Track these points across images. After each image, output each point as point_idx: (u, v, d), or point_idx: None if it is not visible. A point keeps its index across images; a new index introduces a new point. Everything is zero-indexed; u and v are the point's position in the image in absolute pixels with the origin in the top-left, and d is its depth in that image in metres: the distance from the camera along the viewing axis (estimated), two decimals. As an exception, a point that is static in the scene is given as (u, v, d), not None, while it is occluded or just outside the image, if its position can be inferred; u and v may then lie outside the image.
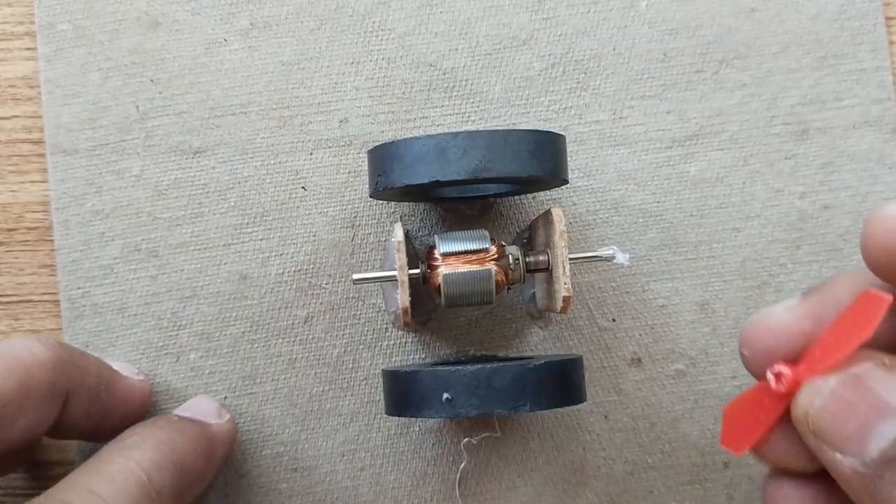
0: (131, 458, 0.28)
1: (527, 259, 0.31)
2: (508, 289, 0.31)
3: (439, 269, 0.30)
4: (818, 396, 0.24)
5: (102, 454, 0.29)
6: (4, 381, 0.28)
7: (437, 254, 0.31)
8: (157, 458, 0.29)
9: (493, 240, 0.31)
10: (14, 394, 0.28)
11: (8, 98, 0.35)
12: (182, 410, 0.33)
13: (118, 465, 0.28)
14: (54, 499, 0.26)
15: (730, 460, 0.35)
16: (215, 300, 0.34)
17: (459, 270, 0.30)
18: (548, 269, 0.31)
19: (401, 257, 0.29)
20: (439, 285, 0.30)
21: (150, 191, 0.35)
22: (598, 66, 0.35)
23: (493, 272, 0.30)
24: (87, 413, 0.31)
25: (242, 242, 0.35)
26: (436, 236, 0.31)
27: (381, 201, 0.35)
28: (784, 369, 0.24)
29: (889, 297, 0.23)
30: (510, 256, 0.31)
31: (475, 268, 0.30)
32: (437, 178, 0.29)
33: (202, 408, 0.33)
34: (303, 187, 0.35)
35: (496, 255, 0.30)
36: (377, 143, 0.31)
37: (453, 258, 0.30)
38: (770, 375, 0.25)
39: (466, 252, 0.30)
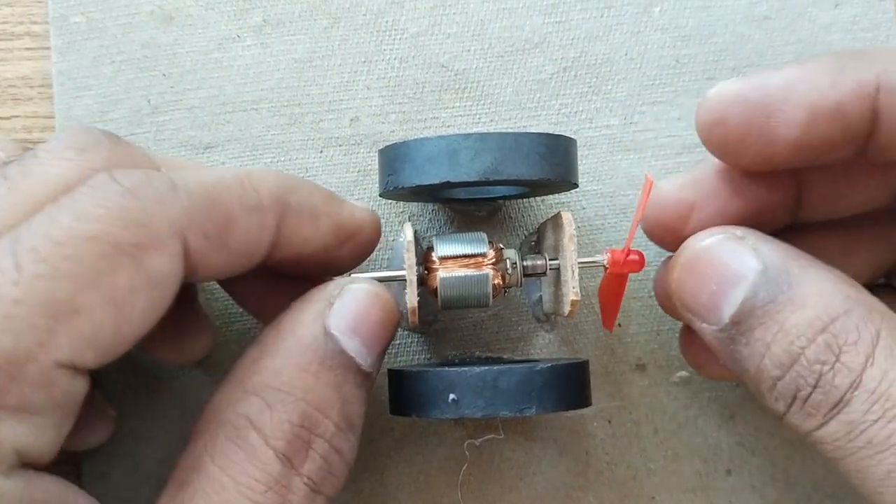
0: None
1: (524, 263, 0.31)
2: (505, 293, 0.32)
3: (437, 273, 0.30)
4: (676, 269, 0.27)
5: None
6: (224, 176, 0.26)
7: (434, 256, 0.31)
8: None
9: (491, 243, 0.31)
10: (233, 185, 0.26)
11: (8, 98, 0.35)
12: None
13: None
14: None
15: (732, 468, 0.35)
16: (222, 294, 0.34)
17: (456, 274, 0.30)
18: (546, 274, 0.31)
19: (410, 257, 0.29)
20: (436, 288, 0.30)
21: (160, 185, 0.35)
22: (609, 71, 0.35)
23: (490, 276, 0.30)
24: (304, 240, 0.28)
25: (250, 239, 0.35)
26: (433, 238, 0.31)
27: (390, 201, 0.35)
28: (610, 252, 0.30)
29: (651, 179, 0.28)
30: (507, 261, 0.31)
31: (472, 272, 0.30)
32: (447, 179, 0.29)
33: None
34: (312, 185, 0.35)
35: (494, 260, 0.30)
36: (388, 143, 0.31)
37: (451, 261, 0.30)
38: (604, 256, 0.30)
39: (464, 256, 0.30)
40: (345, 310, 0.27)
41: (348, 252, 0.29)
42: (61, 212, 0.23)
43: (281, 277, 0.30)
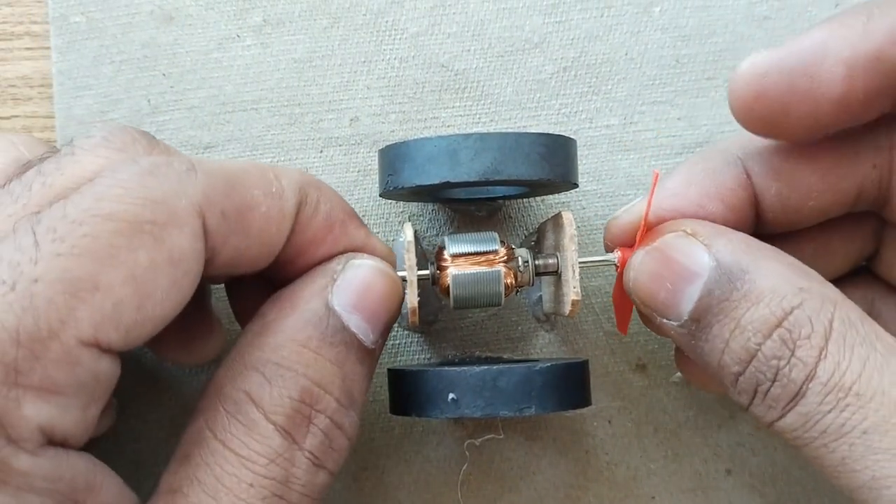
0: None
1: (536, 262, 0.31)
2: (517, 292, 0.31)
3: (448, 270, 0.30)
4: (632, 270, 0.28)
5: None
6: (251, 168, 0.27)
7: (446, 254, 0.31)
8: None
9: (502, 242, 0.31)
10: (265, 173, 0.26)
11: (8, 98, 0.35)
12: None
13: None
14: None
15: (732, 467, 0.35)
16: (223, 294, 0.34)
17: (468, 271, 0.30)
18: (556, 273, 0.31)
19: (410, 257, 0.29)
20: (448, 286, 0.30)
21: (160, 185, 0.35)
22: (609, 71, 0.35)
23: (503, 274, 0.30)
24: (316, 239, 0.28)
25: (250, 239, 0.35)
26: (445, 237, 0.31)
27: (390, 201, 0.35)
28: (619, 252, 0.29)
29: (658, 174, 0.28)
30: (519, 259, 0.31)
31: (484, 269, 0.30)
32: (447, 179, 0.29)
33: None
34: (313, 185, 0.35)
35: (505, 258, 0.30)
36: (387, 143, 0.31)
37: (462, 259, 0.30)
38: (615, 255, 0.29)
39: (476, 253, 0.30)
40: (348, 285, 0.27)
41: None
42: (81, 195, 0.23)
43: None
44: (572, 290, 0.30)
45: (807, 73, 0.26)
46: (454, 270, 0.30)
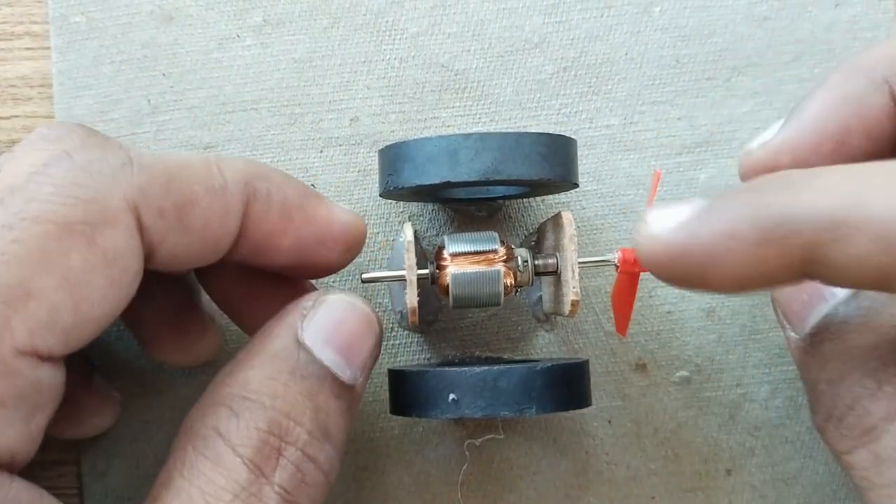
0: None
1: (535, 262, 0.31)
2: (517, 292, 0.31)
3: (448, 269, 0.30)
4: None
5: None
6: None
7: (445, 254, 0.31)
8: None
9: (502, 241, 0.31)
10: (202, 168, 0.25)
11: (8, 98, 0.35)
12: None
13: None
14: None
15: (732, 468, 0.35)
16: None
17: (468, 271, 0.30)
18: (556, 273, 0.31)
19: (410, 257, 0.29)
20: (447, 285, 0.30)
21: (160, 185, 0.35)
22: (609, 71, 0.35)
23: (502, 273, 0.30)
24: (274, 232, 0.27)
25: (250, 239, 0.35)
26: (445, 236, 0.31)
27: (390, 201, 0.35)
28: (618, 252, 0.30)
29: (660, 173, 0.28)
30: (519, 258, 0.31)
31: (484, 268, 0.30)
32: (448, 178, 0.29)
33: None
34: (312, 185, 0.35)
35: (505, 257, 0.30)
36: (388, 143, 0.31)
37: (462, 258, 0.30)
38: (615, 255, 0.29)
39: (475, 252, 0.30)
40: (319, 321, 0.26)
41: (330, 254, 0.28)
42: (13, 196, 0.23)
43: (261, 279, 0.30)
44: (572, 291, 0.30)
45: (697, 277, 0.23)
46: (453, 269, 0.30)
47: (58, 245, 0.22)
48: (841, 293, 0.26)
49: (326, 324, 0.26)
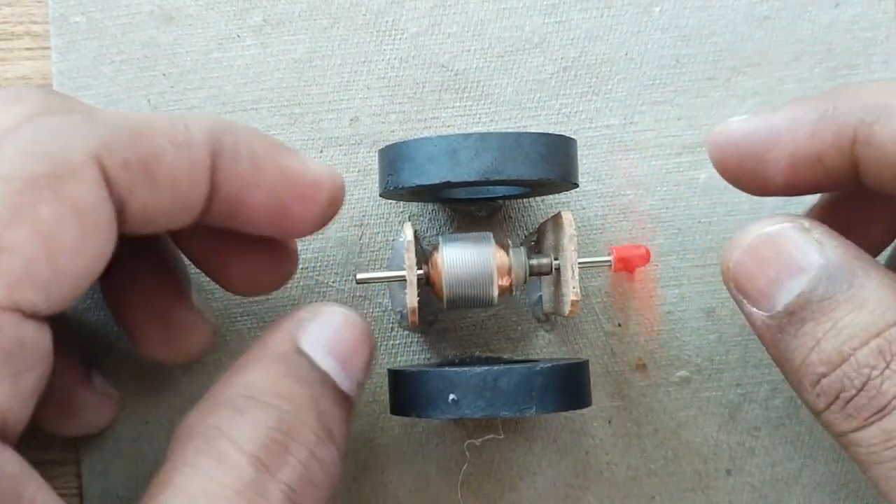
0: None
1: (531, 262, 0.31)
2: (511, 293, 0.31)
3: (442, 273, 0.30)
4: (737, 250, 0.27)
5: None
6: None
7: (439, 257, 0.31)
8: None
9: (498, 243, 0.31)
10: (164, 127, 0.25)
11: None
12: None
13: None
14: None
15: (732, 468, 0.35)
16: (221, 295, 0.34)
17: (462, 276, 0.30)
18: (551, 273, 0.31)
19: (410, 257, 0.29)
20: (441, 288, 0.30)
21: (160, 185, 0.35)
22: (609, 71, 0.35)
23: (496, 277, 0.30)
24: (245, 187, 0.26)
25: (250, 239, 0.35)
26: (440, 237, 0.31)
27: (390, 201, 0.35)
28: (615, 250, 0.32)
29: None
30: (514, 261, 0.31)
31: (478, 273, 0.30)
32: (448, 178, 0.29)
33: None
34: (312, 185, 0.35)
35: (499, 260, 0.30)
36: (387, 143, 0.31)
37: (457, 262, 0.30)
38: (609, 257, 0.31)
39: (470, 257, 0.30)
40: (317, 332, 0.27)
41: (306, 211, 0.27)
42: None
43: (243, 240, 0.29)
44: (572, 291, 0.30)
45: (755, 157, 0.27)
46: (448, 275, 0.30)
47: (26, 200, 0.22)
48: (812, 269, 0.25)
49: (325, 335, 0.27)
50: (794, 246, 0.26)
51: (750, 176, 0.28)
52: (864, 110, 0.25)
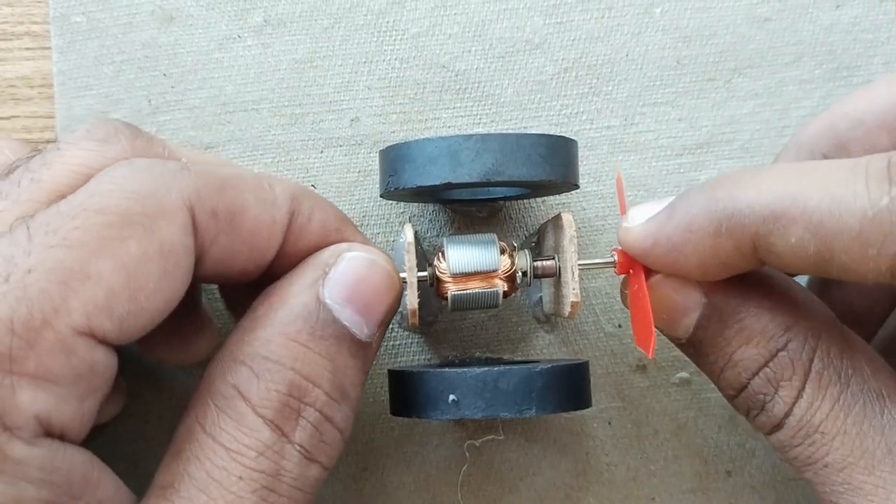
0: None
1: (535, 264, 0.31)
2: (516, 294, 0.31)
3: (448, 286, 0.30)
4: (627, 300, 0.30)
5: None
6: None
7: (445, 270, 0.30)
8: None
9: (502, 248, 0.30)
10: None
11: (8, 98, 0.35)
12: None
13: None
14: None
15: (732, 469, 0.35)
16: (219, 296, 0.34)
17: (468, 291, 0.30)
18: (555, 275, 0.31)
19: (410, 258, 0.29)
20: (446, 290, 0.30)
21: (160, 185, 0.35)
22: (610, 72, 0.35)
23: (501, 291, 0.30)
24: (309, 250, 0.28)
25: (251, 239, 0.35)
26: (444, 238, 0.31)
27: (391, 202, 0.35)
28: (617, 251, 0.29)
29: (620, 174, 0.30)
30: (519, 271, 0.31)
31: (483, 288, 0.30)
32: (448, 179, 0.29)
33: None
34: (313, 185, 0.35)
35: (504, 274, 0.30)
36: (388, 144, 0.31)
37: (462, 277, 0.30)
38: (612, 258, 0.29)
39: (476, 273, 0.30)
40: (340, 278, 0.27)
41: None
42: (74, 193, 0.24)
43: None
44: (572, 292, 0.30)
45: (665, 266, 0.27)
46: (454, 289, 0.30)
47: (117, 233, 0.23)
48: (696, 309, 0.27)
49: (347, 281, 0.27)
50: (676, 290, 0.28)
51: (670, 268, 0.27)
52: (759, 221, 0.24)
